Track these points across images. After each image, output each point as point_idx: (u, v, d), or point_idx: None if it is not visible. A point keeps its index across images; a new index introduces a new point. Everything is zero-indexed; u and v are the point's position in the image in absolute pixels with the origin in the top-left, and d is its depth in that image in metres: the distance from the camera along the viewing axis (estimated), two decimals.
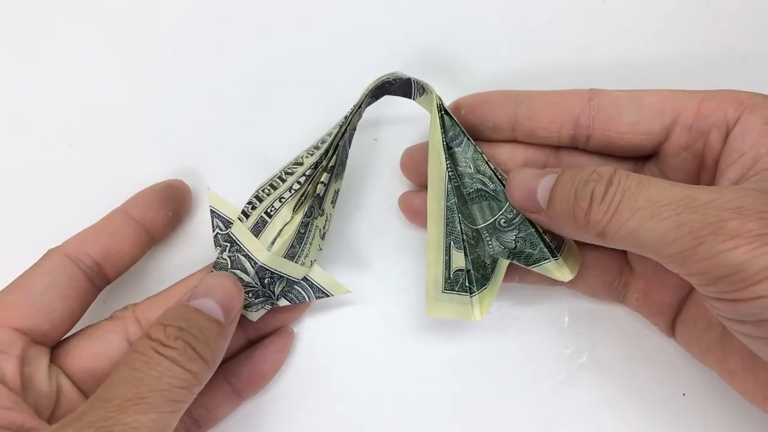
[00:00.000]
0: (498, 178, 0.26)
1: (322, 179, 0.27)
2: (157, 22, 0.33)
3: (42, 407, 0.25)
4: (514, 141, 0.28)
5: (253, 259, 0.26)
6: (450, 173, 0.26)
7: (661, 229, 0.19)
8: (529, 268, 0.26)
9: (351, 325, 0.31)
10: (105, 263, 0.27)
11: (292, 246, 0.27)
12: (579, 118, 0.26)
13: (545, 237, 0.26)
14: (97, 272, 0.27)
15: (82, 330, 0.27)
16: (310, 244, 0.28)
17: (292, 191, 0.27)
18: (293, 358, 0.30)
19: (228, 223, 0.28)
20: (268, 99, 0.33)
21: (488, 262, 0.27)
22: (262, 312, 0.28)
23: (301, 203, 0.27)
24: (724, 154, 0.23)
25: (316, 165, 0.27)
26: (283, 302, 0.28)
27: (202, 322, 0.24)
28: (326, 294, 0.28)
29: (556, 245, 0.26)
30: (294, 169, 0.28)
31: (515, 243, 0.26)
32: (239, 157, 0.32)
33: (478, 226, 0.27)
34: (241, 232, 0.27)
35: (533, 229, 0.26)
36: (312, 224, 0.27)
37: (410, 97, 0.28)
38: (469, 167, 0.26)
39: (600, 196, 0.21)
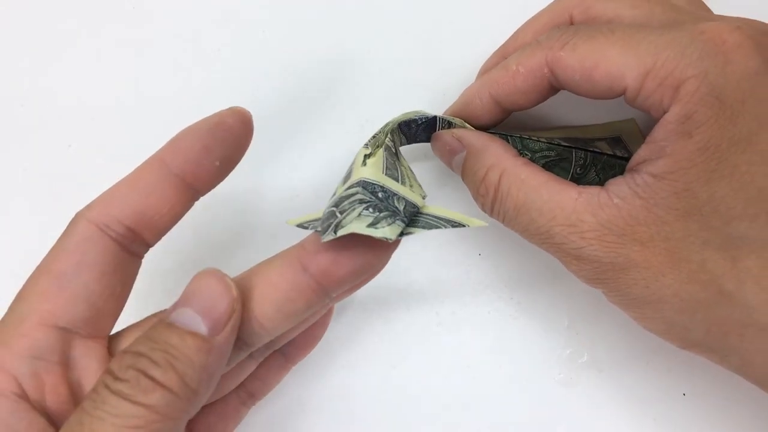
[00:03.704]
0: (554, 144, 0.27)
1: (386, 140, 0.25)
2: (158, 22, 0.33)
3: None
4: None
5: (353, 179, 0.22)
6: None
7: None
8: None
9: (350, 325, 0.31)
10: (140, 228, 0.22)
11: (389, 168, 0.23)
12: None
13: (615, 152, 0.28)
14: (132, 239, 0.22)
15: (151, 318, 0.24)
16: (408, 177, 0.24)
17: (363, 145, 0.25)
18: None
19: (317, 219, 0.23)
20: (269, 103, 0.33)
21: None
22: (396, 227, 0.21)
23: (377, 145, 0.25)
24: (653, 129, 0.23)
25: (374, 136, 0.26)
26: (415, 230, 0.22)
27: (170, 340, 0.19)
28: (461, 224, 0.22)
29: (624, 153, 0.28)
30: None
31: (598, 176, 0.28)
32: (242, 162, 0.32)
33: None
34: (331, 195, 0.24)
35: (604, 156, 0.28)
36: (400, 162, 0.25)
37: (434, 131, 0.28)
38: (527, 154, 0.27)
39: (489, 210, 0.26)
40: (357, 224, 0.20)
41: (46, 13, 0.34)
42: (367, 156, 0.24)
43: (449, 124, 0.28)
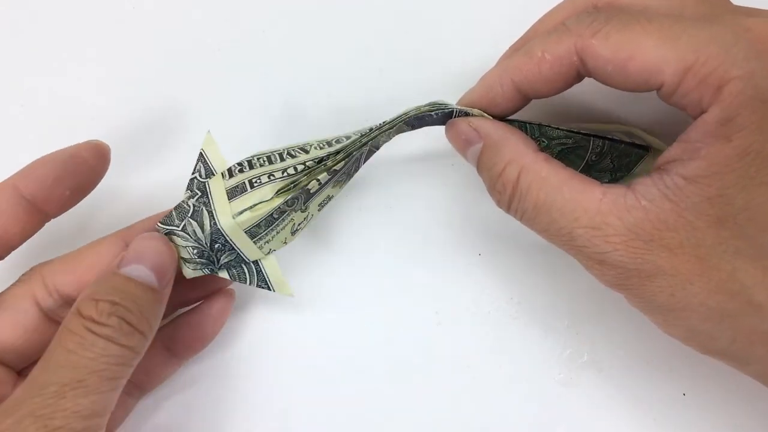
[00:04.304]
0: (573, 132, 0.27)
1: (319, 177, 0.26)
2: (158, 22, 0.33)
3: None
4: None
5: (214, 219, 0.25)
6: None
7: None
8: (633, 172, 0.28)
9: (350, 326, 0.31)
10: None
11: (258, 225, 0.26)
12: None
13: (634, 140, 0.28)
14: None
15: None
16: (277, 233, 0.27)
17: (285, 175, 0.26)
18: (290, 363, 0.30)
19: (210, 173, 0.27)
20: (268, 103, 0.33)
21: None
22: (198, 273, 0.26)
23: (288, 190, 0.26)
24: (687, 128, 0.22)
25: (320, 160, 0.26)
26: (223, 274, 0.27)
27: (135, 291, 0.23)
28: (268, 287, 0.27)
29: (642, 142, 0.28)
30: (297, 153, 0.27)
31: (612, 163, 0.28)
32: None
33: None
34: (216, 187, 0.26)
35: (622, 145, 0.27)
36: (288, 215, 0.26)
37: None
38: (544, 141, 0.27)
39: (506, 207, 0.25)
40: (179, 253, 0.26)
41: (46, 13, 0.34)
42: (252, 207, 0.25)
43: (466, 114, 0.27)
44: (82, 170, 0.26)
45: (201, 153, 0.27)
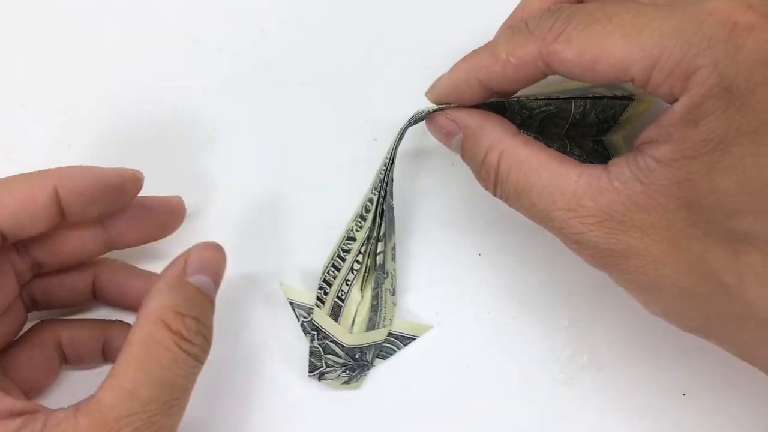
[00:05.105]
0: (552, 99, 0.27)
1: (378, 250, 0.28)
2: (158, 22, 0.33)
3: None
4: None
5: (339, 344, 0.28)
6: None
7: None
8: (620, 120, 0.29)
9: None
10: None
11: (371, 319, 0.29)
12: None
13: (615, 93, 0.28)
14: None
15: None
16: (385, 307, 0.29)
17: (354, 272, 0.28)
18: (289, 363, 0.30)
19: (309, 311, 0.29)
20: (269, 103, 0.33)
21: None
22: (363, 378, 0.30)
23: (366, 279, 0.28)
24: (662, 112, 0.22)
25: (368, 238, 0.28)
26: (378, 362, 0.30)
27: (205, 305, 0.25)
28: (412, 338, 0.30)
29: (624, 92, 0.28)
30: (349, 246, 0.29)
31: (597, 117, 0.28)
32: (243, 161, 0.32)
33: (562, 134, 0.28)
34: (321, 318, 0.29)
35: (604, 100, 0.27)
36: (381, 291, 0.29)
37: None
38: (525, 112, 0.27)
39: (492, 192, 0.26)
40: (335, 382, 0.29)
41: (46, 13, 0.34)
42: (355, 315, 0.28)
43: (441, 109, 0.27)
44: (117, 201, 0.27)
45: (290, 302, 0.30)
